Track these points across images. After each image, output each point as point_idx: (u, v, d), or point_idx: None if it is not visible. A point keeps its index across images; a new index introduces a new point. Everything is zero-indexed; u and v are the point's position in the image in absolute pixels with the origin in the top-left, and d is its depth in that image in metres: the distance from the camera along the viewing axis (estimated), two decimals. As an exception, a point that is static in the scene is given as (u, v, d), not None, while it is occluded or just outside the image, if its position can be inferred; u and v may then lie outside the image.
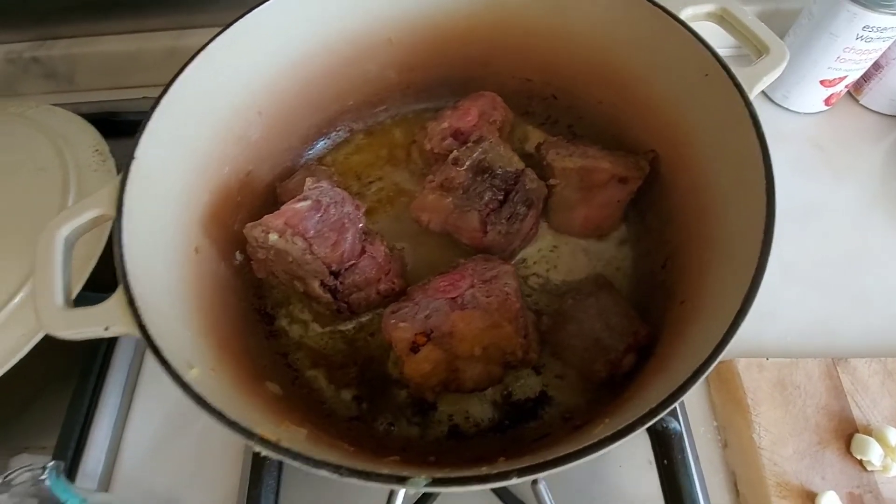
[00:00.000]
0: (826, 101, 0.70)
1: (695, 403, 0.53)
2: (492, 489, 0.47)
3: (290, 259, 0.45)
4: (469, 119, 0.56)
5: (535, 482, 0.44)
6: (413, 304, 0.45)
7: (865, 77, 0.70)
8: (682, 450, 0.44)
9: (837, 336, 0.56)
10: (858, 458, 0.47)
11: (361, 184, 0.61)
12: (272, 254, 0.46)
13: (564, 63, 0.57)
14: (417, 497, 0.47)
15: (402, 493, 0.43)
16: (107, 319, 0.34)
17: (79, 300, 0.37)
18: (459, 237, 0.52)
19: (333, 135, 0.63)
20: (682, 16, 0.46)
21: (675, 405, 0.31)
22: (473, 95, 0.59)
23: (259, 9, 0.48)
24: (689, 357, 0.34)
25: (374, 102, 0.63)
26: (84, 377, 0.53)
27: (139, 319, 0.33)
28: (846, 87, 0.69)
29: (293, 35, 0.52)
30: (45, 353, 0.47)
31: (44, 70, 0.76)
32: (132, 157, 0.39)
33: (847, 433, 0.49)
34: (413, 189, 0.60)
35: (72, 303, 0.37)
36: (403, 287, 0.50)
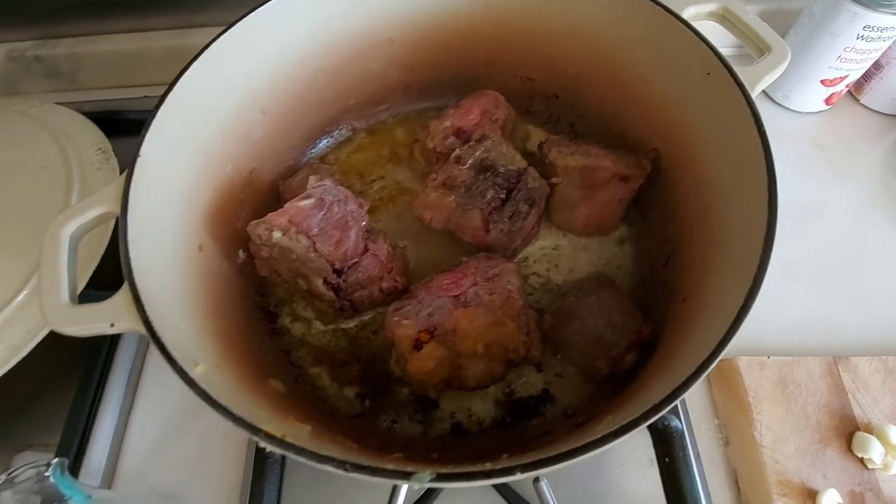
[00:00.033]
0: (827, 101, 0.71)
1: (696, 401, 0.53)
2: (495, 487, 0.47)
3: (294, 257, 0.45)
4: (471, 118, 0.56)
5: (537, 480, 0.44)
6: (416, 302, 0.45)
7: (866, 76, 0.70)
8: (684, 448, 0.44)
9: (838, 334, 0.56)
10: (859, 456, 0.47)
11: (364, 182, 0.61)
12: (276, 251, 0.46)
13: (566, 62, 0.57)
14: (418, 496, 0.47)
15: (405, 490, 0.43)
16: (112, 316, 0.34)
17: (82, 299, 0.37)
18: (462, 235, 0.52)
19: (336, 133, 0.64)
20: (685, 15, 0.46)
21: (677, 402, 0.32)
22: (476, 94, 0.59)
23: (262, 8, 0.48)
24: (691, 355, 0.34)
25: (376, 101, 0.63)
26: (87, 375, 0.53)
27: (144, 316, 0.33)
28: (847, 87, 0.69)
29: (296, 34, 0.52)
30: (49, 351, 0.47)
31: (46, 69, 0.76)
32: (137, 155, 0.40)
33: (848, 431, 0.49)
34: (415, 188, 0.60)
35: (77, 299, 0.37)
36: (406, 285, 0.50)
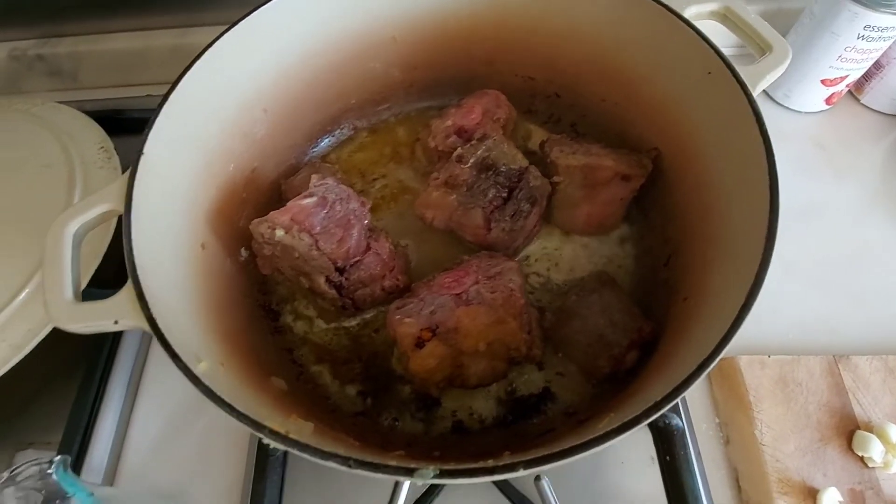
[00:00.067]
0: (827, 101, 0.71)
1: (697, 400, 0.53)
2: (496, 486, 0.47)
3: (297, 255, 0.45)
4: (473, 117, 0.56)
5: (539, 479, 0.44)
6: (418, 301, 0.46)
7: (866, 76, 0.70)
8: (685, 446, 0.44)
9: (839, 334, 0.56)
10: (860, 455, 0.48)
11: (365, 181, 0.61)
12: (278, 250, 0.46)
13: (567, 61, 0.57)
14: (419, 495, 0.47)
15: (407, 487, 0.43)
16: (116, 313, 0.35)
17: (83, 297, 0.38)
18: (463, 234, 0.52)
19: (337, 132, 0.64)
20: (686, 14, 0.46)
21: (678, 400, 0.32)
22: (477, 93, 0.59)
23: (265, 7, 0.48)
24: (692, 353, 0.34)
25: (378, 100, 0.64)
26: (89, 373, 0.53)
27: (148, 313, 0.33)
28: (847, 87, 0.69)
29: (298, 33, 0.52)
30: (50, 350, 0.47)
31: (48, 67, 0.76)
32: (141, 153, 0.40)
33: (848, 430, 0.49)
34: (416, 187, 0.60)
35: (80, 296, 0.37)
36: (407, 284, 0.51)
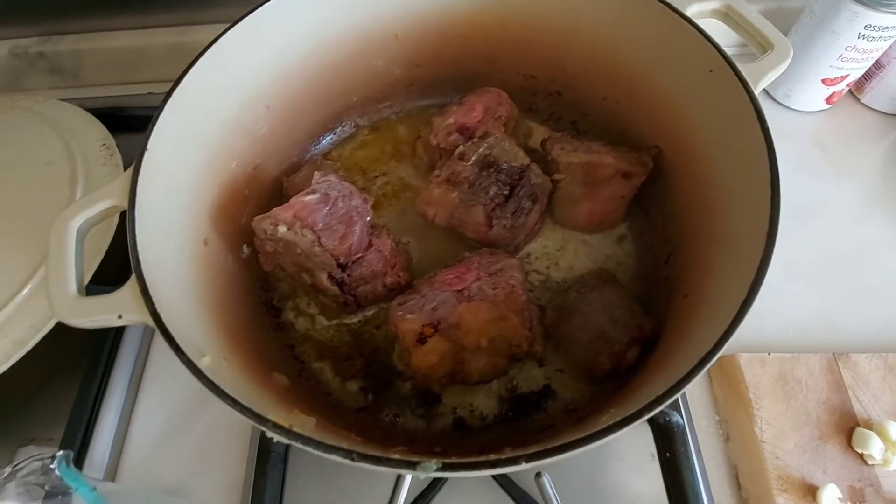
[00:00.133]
0: (827, 100, 0.71)
1: (697, 397, 0.53)
2: (497, 482, 0.47)
3: (299, 251, 0.46)
4: (474, 115, 0.57)
5: (539, 475, 0.44)
6: (420, 297, 0.46)
7: (867, 76, 0.70)
8: (685, 443, 0.45)
9: (838, 332, 0.57)
10: (859, 452, 0.48)
11: (367, 179, 0.61)
12: (281, 246, 0.46)
13: (569, 60, 0.58)
14: (420, 490, 0.47)
15: (408, 483, 0.43)
16: (120, 308, 0.35)
17: (86, 293, 0.38)
18: (465, 231, 0.53)
19: (339, 130, 0.64)
20: (688, 12, 0.46)
21: (678, 397, 0.32)
22: (479, 91, 0.59)
23: (267, 5, 0.48)
24: (693, 350, 0.34)
25: (380, 98, 0.64)
26: (91, 369, 0.53)
27: (152, 308, 0.34)
28: (848, 86, 0.69)
29: (301, 30, 0.52)
30: (53, 346, 0.47)
31: (50, 65, 0.76)
32: (144, 149, 0.40)
33: (848, 427, 0.49)
34: (418, 184, 0.60)
35: (84, 291, 0.37)
36: (409, 280, 0.51)
